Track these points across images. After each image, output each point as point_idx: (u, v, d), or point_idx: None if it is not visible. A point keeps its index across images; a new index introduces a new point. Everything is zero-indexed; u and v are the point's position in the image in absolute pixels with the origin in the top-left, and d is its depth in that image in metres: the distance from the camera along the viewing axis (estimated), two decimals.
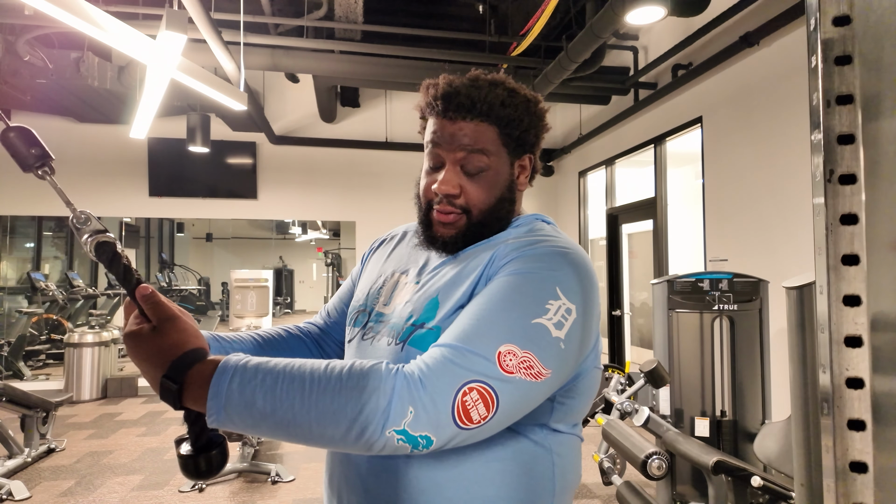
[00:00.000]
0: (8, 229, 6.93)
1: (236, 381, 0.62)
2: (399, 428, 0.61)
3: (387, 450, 0.63)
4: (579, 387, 0.79)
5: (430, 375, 0.63)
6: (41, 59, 4.53)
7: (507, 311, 0.69)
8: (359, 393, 0.62)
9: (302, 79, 6.50)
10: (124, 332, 0.68)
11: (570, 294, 0.71)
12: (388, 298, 0.88)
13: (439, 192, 0.82)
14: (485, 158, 0.82)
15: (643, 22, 3.42)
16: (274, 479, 3.57)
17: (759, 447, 2.01)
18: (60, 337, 6.52)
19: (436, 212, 0.84)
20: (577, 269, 0.74)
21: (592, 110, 6.11)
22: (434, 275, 0.84)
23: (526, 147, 0.86)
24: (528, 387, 0.66)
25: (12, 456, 3.75)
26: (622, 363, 5.69)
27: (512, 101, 0.82)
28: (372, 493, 0.78)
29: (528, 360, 0.66)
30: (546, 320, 0.69)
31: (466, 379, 0.64)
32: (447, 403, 0.62)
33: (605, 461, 2.86)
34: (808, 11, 0.44)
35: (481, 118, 0.81)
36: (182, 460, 0.65)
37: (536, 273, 0.73)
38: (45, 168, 0.70)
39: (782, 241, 3.47)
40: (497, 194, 0.84)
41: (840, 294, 0.41)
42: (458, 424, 0.63)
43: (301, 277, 12.51)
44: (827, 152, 0.42)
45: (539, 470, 0.77)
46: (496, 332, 0.67)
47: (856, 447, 0.41)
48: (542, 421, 0.77)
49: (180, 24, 2.40)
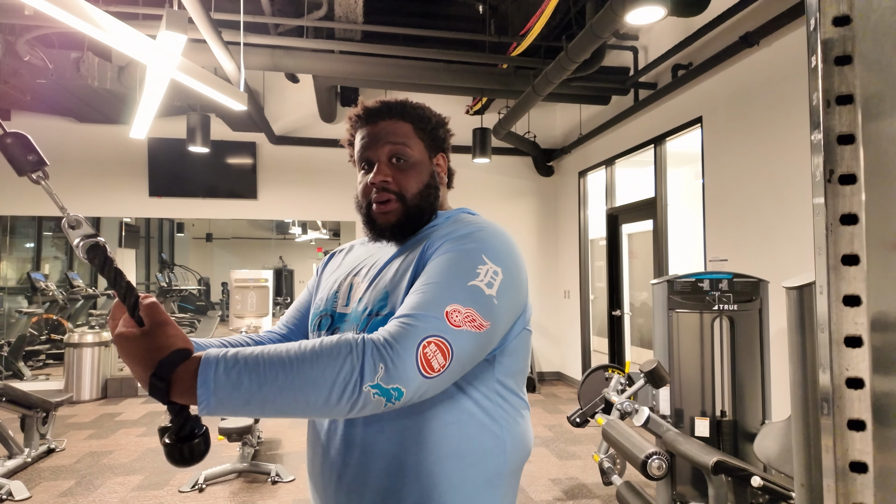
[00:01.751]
0: (8, 229, 6.93)
1: (221, 368, 0.68)
2: (373, 383, 0.70)
3: (366, 408, 0.71)
4: (512, 345, 0.92)
5: (393, 337, 0.74)
6: (41, 59, 4.53)
7: (446, 280, 0.82)
8: (334, 359, 0.71)
9: (302, 79, 6.50)
10: (115, 333, 0.72)
11: (494, 259, 0.86)
12: (346, 300, 0.99)
13: (374, 181, 0.97)
14: (407, 149, 0.98)
15: (643, 22, 3.42)
16: (274, 479, 3.57)
17: (759, 447, 2.01)
18: (60, 337, 6.52)
19: (375, 205, 0.98)
20: (498, 239, 0.90)
21: (592, 110, 6.11)
22: (381, 272, 0.96)
23: (438, 144, 1.04)
24: (474, 337, 0.79)
25: (12, 456, 3.75)
26: (622, 363, 5.69)
27: (417, 106, 1.03)
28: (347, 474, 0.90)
29: (471, 315, 0.79)
30: (479, 282, 0.82)
31: (424, 335, 0.75)
32: (411, 357, 0.73)
33: (605, 461, 2.86)
34: (808, 11, 0.44)
35: (396, 117, 1.00)
36: (167, 449, 0.69)
37: (463, 247, 0.87)
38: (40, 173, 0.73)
39: (782, 241, 3.47)
40: (424, 180, 0.99)
41: (840, 294, 0.41)
42: (423, 374, 0.73)
43: (301, 277, 12.50)
44: (827, 152, 0.42)
45: (490, 430, 0.90)
46: (441, 298, 0.79)
47: (856, 447, 0.41)
48: (488, 381, 0.91)
49: (180, 24, 2.41)
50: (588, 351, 6.46)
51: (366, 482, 0.89)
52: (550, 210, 7.21)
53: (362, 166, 1.01)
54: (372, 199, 0.98)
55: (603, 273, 6.15)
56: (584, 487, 3.50)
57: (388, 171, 0.97)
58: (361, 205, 1.01)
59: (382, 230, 0.99)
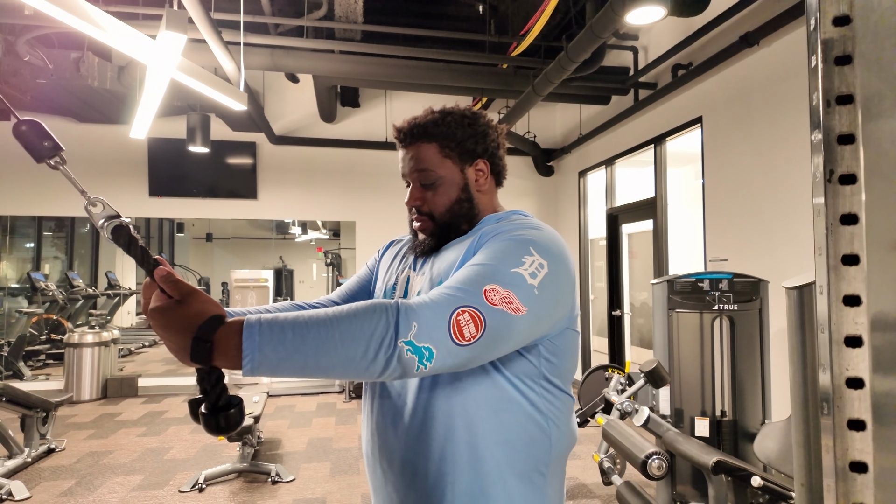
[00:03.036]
0: (8, 229, 6.93)
1: (265, 325, 0.71)
2: (406, 339, 0.73)
3: (401, 364, 0.74)
4: (559, 345, 0.95)
5: (429, 300, 0.78)
6: (41, 59, 4.53)
7: (491, 263, 0.85)
8: (370, 315, 0.74)
9: (302, 79, 6.50)
10: (149, 308, 0.74)
11: (542, 253, 0.88)
12: (404, 293, 1.06)
13: (407, 205, 1.07)
14: (431, 173, 1.03)
15: (643, 22, 3.42)
16: (274, 479, 3.57)
17: (759, 447, 2.01)
18: (60, 337, 6.52)
19: (413, 221, 1.07)
20: (548, 237, 0.93)
21: (592, 110, 6.11)
22: (434, 263, 1.02)
23: (474, 154, 1.06)
24: (509, 318, 0.81)
25: (12, 456, 3.75)
26: (622, 363, 5.68)
27: (444, 121, 1.04)
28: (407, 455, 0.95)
29: (509, 297, 0.81)
30: (522, 270, 0.85)
31: (459, 304, 0.78)
32: (444, 320, 0.76)
33: (605, 461, 2.86)
34: (808, 11, 0.44)
35: (421, 139, 1.04)
36: (205, 418, 0.72)
37: (513, 237, 0.90)
38: (57, 158, 0.75)
39: (782, 241, 3.47)
40: (453, 197, 1.04)
41: (840, 294, 0.41)
42: (454, 340, 0.76)
43: (301, 277, 12.49)
44: (827, 152, 0.42)
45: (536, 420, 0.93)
46: (482, 277, 0.82)
47: (856, 447, 0.41)
48: (536, 377, 0.94)
49: (180, 24, 2.41)
50: (588, 351, 6.46)
51: (416, 467, 0.93)
52: (550, 210, 7.21)
53: (406, 183, 1.08)
54: (412, 217, 1.08)
55: (603, 273, 6.15)
56: (584, 487, 3.50)
57: (417, 195, 1.05)
58: (409, 219, 1.10)
59: (421, 242, 1.06)
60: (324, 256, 11.20)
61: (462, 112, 1.07)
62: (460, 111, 1.07)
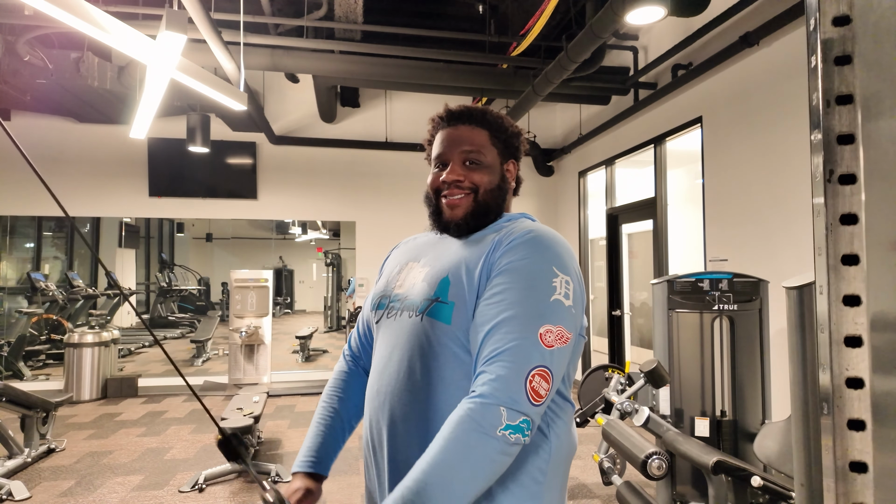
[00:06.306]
0: (8, 229, 6.93)
1: None
2: (503, 426, 0.79)
3: (512, 446, 0.80)
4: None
5: (497, 380, 0.82)
6: (41, 59, 4.53)
7: (528, 299, 0.87)
8: (466, 435, 0.80)
9: (302, 79, 6.50)
10: None
11: (563, 269, 0.91)
12: (402, 281, 1.06)
13: (448, 180, 1.03)
14: (480, 155, 1.04)
15: (643, 22, 3.42)
16: (274, 479, 3.57)
17: (759, 447, 2.01)
18: (60, 337, 6.52)
19: (445, 198, 1.04)
20: (560, 248, 0.95)
21: (592, 110, 6.11)
22: (439, 255, 1.02)
23: (511, 152, 1.09)
24: (564, 352, 0.87)
25: (12, 456, 3.75)
26: (622, 363, 5.69)
27: (496, 115, 1.08)
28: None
29: (560, 332, 0.86)
30: (558, 296, 0.88)
31: (528, 369, 0.83)
32: (522, 393, 0.81)
33: (605, 461, 2.86)
34: (808, 11, 0.44)
35: (475, 123, 1.06)
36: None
37: (534, 261, 0.91)
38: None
39: (782, 241, 3.47)
40: (495, 181, 1.05)
41: (840, 294, 0.41)
42: (533, 403, 0.82)
43: (301, 277, 12.51)
44: (827, 152, 0.42)
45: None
46: (530, 320, 0.85)
47: (856, 447, 0.41)
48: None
49: (180, 24, 2.41)
50: (588, 351, 6.46)
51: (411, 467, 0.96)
52: (550, 210, 7.21)
53: (437, 164, 1.07)
54: (442, 193, 1.05)
55: (603, 273, 6.15)
56: (584, 487, 3.50)
57: (460, 172, 1.03)
58: (430, 198, 1.07)
59: (447, 222, 1.04)
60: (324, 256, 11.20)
61: (501, 114, 1.10)
62: (499, 113, 1.10)
